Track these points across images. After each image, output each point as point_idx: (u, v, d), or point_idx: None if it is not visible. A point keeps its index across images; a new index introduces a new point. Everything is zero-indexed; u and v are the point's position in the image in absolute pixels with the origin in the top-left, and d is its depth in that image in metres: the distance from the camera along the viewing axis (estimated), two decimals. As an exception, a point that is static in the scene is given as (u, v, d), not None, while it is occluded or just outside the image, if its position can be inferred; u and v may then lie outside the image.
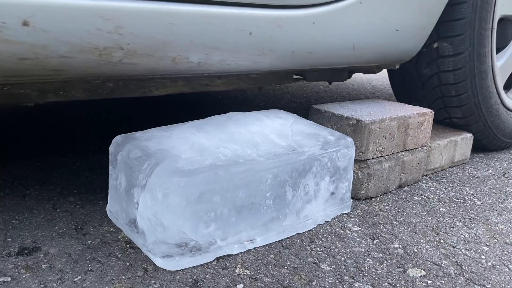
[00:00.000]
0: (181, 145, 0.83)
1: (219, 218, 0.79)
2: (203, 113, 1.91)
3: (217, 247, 0.81)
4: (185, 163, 0.77)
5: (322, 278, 0.78)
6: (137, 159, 0.81)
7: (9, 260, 0.79)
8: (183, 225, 0.76)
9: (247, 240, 0.84)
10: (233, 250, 0.83)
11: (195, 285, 0.75)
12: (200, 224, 0.77)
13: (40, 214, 0.96)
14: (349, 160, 0.99)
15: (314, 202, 0.94)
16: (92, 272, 0.76)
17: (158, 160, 0.78)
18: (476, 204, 1.13)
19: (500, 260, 0.87)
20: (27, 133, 1.52)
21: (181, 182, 0.74)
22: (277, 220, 0.88)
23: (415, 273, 0.81)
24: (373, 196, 1.13)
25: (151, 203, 0.76)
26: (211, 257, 0.80)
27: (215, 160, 0.80)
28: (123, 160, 0.85)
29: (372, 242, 0.91)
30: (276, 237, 0.88)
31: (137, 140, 0.87)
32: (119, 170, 0.86)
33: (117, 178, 0.87)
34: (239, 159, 0.82)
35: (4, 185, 1.09)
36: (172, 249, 0.77)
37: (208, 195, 0.77)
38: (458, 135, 1.40)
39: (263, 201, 0.85)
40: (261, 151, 0.86)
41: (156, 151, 0.81)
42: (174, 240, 0.76)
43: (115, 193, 0.89)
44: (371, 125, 1.07)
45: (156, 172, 0.76)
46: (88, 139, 1.49)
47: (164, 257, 0.77)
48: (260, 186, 0.84)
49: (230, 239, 0.82)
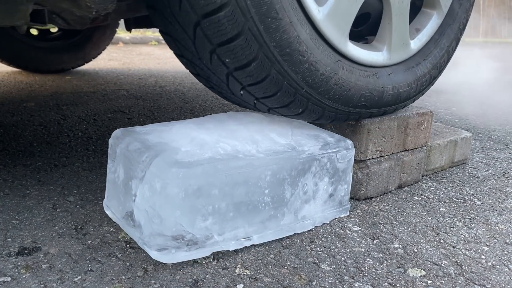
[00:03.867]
0: (181, 139, 0.84)
1: (217, 212, 0.80)
2: (204, 112, 1.91)
3: (214, 242, 0.81)
4: (185, 155, 0.78)
5: (322, 278, 0.78)
6: (136, 151, 0.82)
7: (9, 260, 0.79)
8: (180, 217, 0.76)
9: (244, 237, 0.84)
10: (229, 246, 0.83)
11: (195, 285, 0.75)
12: (198, 217, 0.77)
13: (40, 214, 0.96)
14: (348, 162, 0.99)
15: (312, 202, 0.94)
16: (92, 272, 0.76)
17: (158, 152, 0.78)
18: (476, 204, 1.13)
19: (500, 260, 0.87)
20: (27, 133, 1.52)
21: (179, 173, 0.75)
22: (274, 219, 0.88)
23: (415, 273, 0.81)
24: (373, 196, 1.13)
25: (149, 194, 0.76)
26: (207, 251, 0.80)
27: (215, 154, 0.80)
28: (122, 153, 0.85)
29: (372, 242, 0.91)
30: (272, 236, 0.88)
31: (137, 134, 0.87)
32: (117, 163, 0.87)
33: (115, 171, 0.87)
34: (238, 154, 0.82)
35: (4, 185, 1.09)
36: (168, 242, 0.76)
37: (207, 188, 0.77)
38: (458, 135, 1.40)
39: (261, 198, 0.85)
40: (261, 148, 0.86)
41: (156, 144, 0.82)
42: (170, 232, 0.76)
43: (112, 187, 0.89)
44: (370, 125, 1.07)
45: (155, 163, 0.76)
46: (88, 139, 1.49)
47: (159, 250, 0.76)
48: (259, 183, 0.84)
49: (227, 234, 0.82)
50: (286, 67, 0.86)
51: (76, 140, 1.48)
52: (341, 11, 0.91)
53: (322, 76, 0.91)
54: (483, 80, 3.50)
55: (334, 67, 0.93)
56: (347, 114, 1.01)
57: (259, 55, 0.83)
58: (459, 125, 2.00)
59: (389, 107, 1.09)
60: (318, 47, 0.90)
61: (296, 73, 0.87)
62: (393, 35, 1.03)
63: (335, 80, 0.93)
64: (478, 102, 2.58)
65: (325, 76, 0.91)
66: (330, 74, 0.92)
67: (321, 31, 0.90)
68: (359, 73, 0.98)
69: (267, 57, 0.84)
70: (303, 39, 0.86)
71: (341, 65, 0.94)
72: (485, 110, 2.37)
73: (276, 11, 0.81)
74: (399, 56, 1.07)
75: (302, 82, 0.89)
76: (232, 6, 0.77)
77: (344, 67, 0.95)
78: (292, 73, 0.87)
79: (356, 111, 1.01)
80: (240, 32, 0.80)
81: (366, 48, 1.02)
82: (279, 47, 0.84)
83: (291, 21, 0.84)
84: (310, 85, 0.90)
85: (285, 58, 0.85)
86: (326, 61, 0.91)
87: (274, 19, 0.81)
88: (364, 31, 1.10)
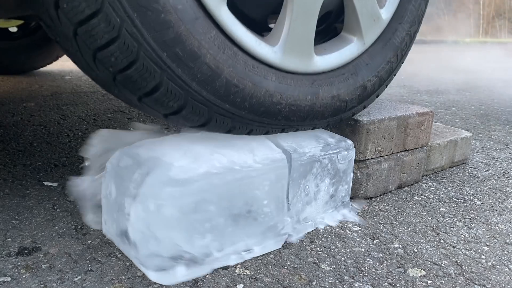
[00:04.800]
0: (174, 151, 0.78)
1: (215, 229, 0.76)
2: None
3: (213, 259, 0.78)
4: (178, 171, 0.73)
5: (322, 278, 0.78)
6: (127, 167, 0.77)
7: (9, 260, 0.79)
8: (177, 237, 0.72)
9: (244, 250, 0.82)
10: (229, 261, 0.80)
11: (195, 285, 0.75)
12: (195, 236, 0.74)
13: (40, 214, 0.96)
14: (349, 162, 0.99)
15: (314, 204, 0.94)
16: (92, 272, 0.76)
17: (150, 169, 0.74)
18: (476, 204, 1.13)
19: (500, 260, 0.87)
20: (27, 133, 1.52)
21: (174, 193, 0.71)
22: (275, 228, 0.85)
23: (415, 273, 0.81)
24: (373, 196, 1.13)
25: (143, 214, 0.73)
26: (207, 269, 0.77)
27: (210, 168, 0.76)
28: (113, 169, 0.81)
29: (372, 242, 0.91)
30: (274, 246, 0.86)
31: (127, 147, 0.82)
32: (109, 179, 0.82)
33: (106, 188, 0.83)
34: (234, 165, 0.78)
35: (4, 185, 1.09)
36: (166, 262, 0.73)
37: (203, 205, 0.74)
38: (458, 135, 1.40)
39: (260, 209, 0.82)
40: (258, 157, 0.82)
41: (148, 159, 0.77)
42: (168, 253, 0.73)
43: (105, 202, 0.85)
44: (369, 125, 1.06)
45: (147, 182, 0.72)
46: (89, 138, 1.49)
47: (157, 271, 0.74)
48: (257, 194, 0.81)
49: (227, 249, 0.79)
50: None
51: (76, 140, 1.48)
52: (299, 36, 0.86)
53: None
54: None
55: (312, 91, 0.89)
56: (340, 120, 1.01)
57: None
58: (459, 125, 2.00)
59: (377, 92, 1.05)
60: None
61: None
62: (361, 18, 0.94)
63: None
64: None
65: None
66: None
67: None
68: (337, 79, 0.94)
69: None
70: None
71: (319, 84, 0.91)
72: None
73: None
74: (374, 33, 0.98)
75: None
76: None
77: (322, 84, 0.91)
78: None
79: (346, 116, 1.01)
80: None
81: (339, 44, 0.95)
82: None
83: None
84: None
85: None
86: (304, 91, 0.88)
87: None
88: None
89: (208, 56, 0.73)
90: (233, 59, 0.77)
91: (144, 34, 0.67)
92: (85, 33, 0.67)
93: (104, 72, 0.71)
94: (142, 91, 0.72)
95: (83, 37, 0.68)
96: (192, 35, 0.71)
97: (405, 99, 2.62)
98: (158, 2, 0.66)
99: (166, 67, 0.70)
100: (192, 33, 0.71)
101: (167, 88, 0.72)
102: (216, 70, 0.75)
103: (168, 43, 0.69)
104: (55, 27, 0.70)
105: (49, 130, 1.57)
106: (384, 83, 1.05)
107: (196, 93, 0.74)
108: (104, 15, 0.65)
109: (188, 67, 0.72)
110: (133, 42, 0.67)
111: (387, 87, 1.07)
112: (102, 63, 0.70)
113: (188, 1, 0.70)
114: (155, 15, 0.67)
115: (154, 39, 0.68)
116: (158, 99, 0.74)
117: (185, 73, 0.72)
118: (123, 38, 0.67)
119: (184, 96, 0.74)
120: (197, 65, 0.72)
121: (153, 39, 0.68)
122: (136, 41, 0.67)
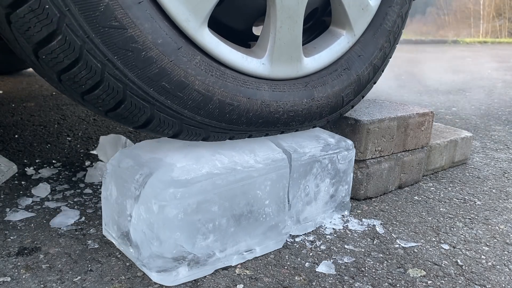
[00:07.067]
0: (175, 152, 0.79)
1: (218, 229, 0.77)
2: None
3: (216, 259, 0.78)
4: (181, 172, 0.73)
5: (322, 278, 0.78)
6: (128, 168, 0.77)
7: (9, 260, 0.79)
8: (180, 238, 0.72)
9: (246, 250, 0.82)
10: (232, 261, 0.80)
11: (195, 285, 0.75)
12: (198, 236, 0.74)
13: (40, 214, 0.96)
14: (349, 163, 0.99)
15: (314, 204, 0.94)
16: (92, 272, 0.76)
17: (152, 170, 0.74)
18: (476, 204, 1.13)
19: (500, 260, 0.87)
20: (27, 133, 1.52)
21: (177, 193, 0.71)
22: (276, 228, 0.86)
23: (415, 273, 0.81)
24: (373, 196, 1.13)
25: (145, 215, 0.72)
26: (209, 270, 0.78)
27: (212, 168, 0.76)
28: (114, 170, 0.80)
29: (372, 242, 0.91)
30: (275, 246, 0.86)
31: (128, 148, 0.82)
32: (109, 181, 0.82)
33: (107, 189, 0.83)
34: (236, 166, 0.79)
35: (4, 185, 1.09)
36: (169, 263, 0.73)
37: (206, 205, 0.74)
38: (458, 135, 1.40)
39: (262, 209, 0.82)
40: (259, 157, 0.82)
41: (149, 160, 0.77)
42: (171, 254, 0.73)
43: (106, 205, 0.84)
44: (369, 125, 1.06)
45: (150, 183, 0.72)
46: (88, 139, 1.49)
47: (160, 272, 0.73)
48: (259, 194, 0.81)
49: (229, 250, 0.79)
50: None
51: (76, 140, 1.48)
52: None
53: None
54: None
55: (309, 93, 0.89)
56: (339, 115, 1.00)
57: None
58: (459, 125, 2.00)
59: (374, 80, 1.03)
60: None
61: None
62: (348, 10, 0.92)
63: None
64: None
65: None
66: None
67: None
68: (330, 77, 0.93)
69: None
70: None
71: (312, 85, 0.90)
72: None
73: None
74: (364, 22, 0.95)
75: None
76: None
77: (316, 85, 0.91)
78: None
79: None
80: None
81: (328, 40, 0.93)
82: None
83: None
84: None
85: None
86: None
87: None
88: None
89: (196, 83, 0.73)
90: (223, 79, 0.77)
91: (128, 74, 0.66)
92: (69, 80, 0.66)
93: (96, 109, 0.72)
94: (136, 125, 0.73)
95: (67, 83, 0.67)
96: (176, 65, 0.70)
97: (405, 99, 2.61)
98: (137, 41, 0.65)
99: (154, 101, 0.70)
100: (176, 63, 0.70)
101: (159, 119, 0.73)
102: (207, 93, 0.74)
103: (153, 79, 0.69)
104: (40, 72, 0.70)
105: (49, 130, 1.57)
106: (379, 70, 1.03)
107: (190, 119, 0.75)
108: (84, 63, 0.64)
109: (177, 97, 0.72)
110: (117, 83, 0.67)
111: (383, 71, 1.05)
112: (91, 103, 0.70)
113: (168, 33, 0.69)
114: (136, 54, 0.66)
115: (138, 77, 0.67)
116: (152, 129, 0.74)
117: (175, 103, 0.72)
118: (107, 81, 0.66)
119: (178, 123, 0.74)
120: (186, 94, 0.72)
121: (137, 77, 0.67)
122: (120, 82, 0.67)
